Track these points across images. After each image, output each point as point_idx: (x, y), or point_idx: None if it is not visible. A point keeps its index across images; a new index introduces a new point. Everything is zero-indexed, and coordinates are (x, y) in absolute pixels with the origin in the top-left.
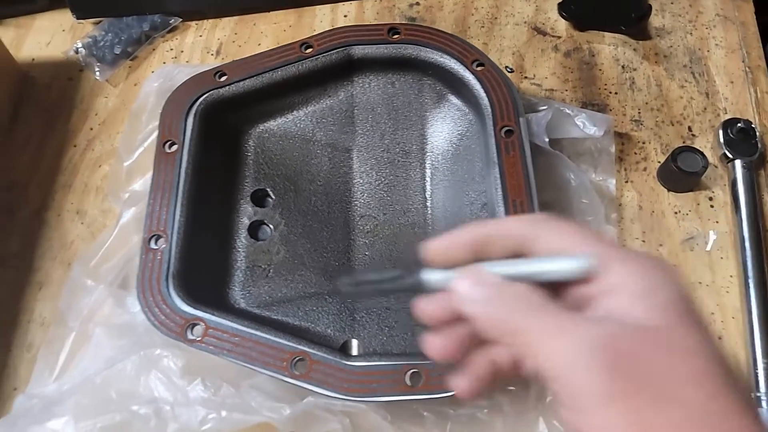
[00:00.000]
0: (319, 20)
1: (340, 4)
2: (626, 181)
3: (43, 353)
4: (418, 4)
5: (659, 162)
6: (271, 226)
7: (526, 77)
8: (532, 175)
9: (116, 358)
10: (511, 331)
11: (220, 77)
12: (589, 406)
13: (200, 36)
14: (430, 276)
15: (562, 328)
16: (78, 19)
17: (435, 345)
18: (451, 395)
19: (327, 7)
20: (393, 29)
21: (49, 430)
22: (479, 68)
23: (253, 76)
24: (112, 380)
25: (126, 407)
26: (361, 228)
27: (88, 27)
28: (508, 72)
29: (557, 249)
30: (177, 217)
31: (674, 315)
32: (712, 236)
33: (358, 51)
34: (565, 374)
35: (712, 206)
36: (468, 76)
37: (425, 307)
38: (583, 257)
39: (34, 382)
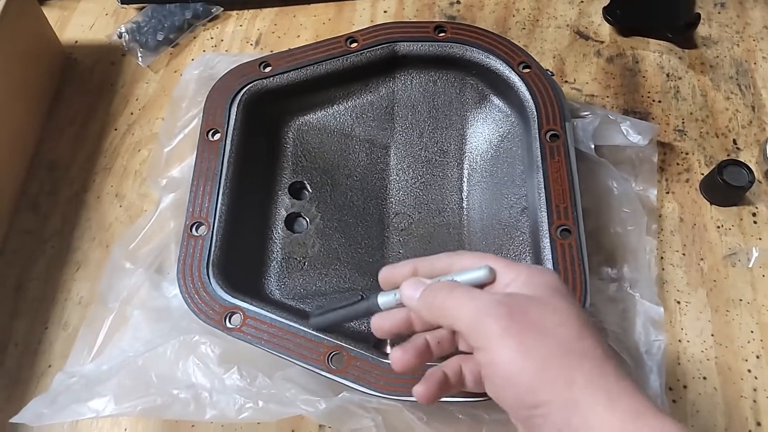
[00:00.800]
0: (359, 14)
1: None
2: (667, 192)
3: (83, 332)
4: (458, 2)
5: (702, 174)
6: (308, 219)
7: (566, 81)
8: (576, 181)
9: (154, 341)
10: (440, 308)
11: (264, 68)
12: (493, 342)
13: (240, 26)
14: (383, 297)
15: (474, 297)
16: (122, 3)
17: (396, 357)
18: (487, 400)
19: (367, 1)
20: (439, 27)
21: (90, 409)
22: (526, 70)
23: (297, 69)
24: (153, 363)
25: (166, 390)
26: (396, 225)
27: (131, 12)
28: (549, 75)
29: (468, 266)
30: (219, 205)
31: (549, 291)
32: (755, 253)
33: (403, 48)
34: (477, 323)
35: (755, 222)
36: (514, 78)
37: (380, 322)
38: (484, 267)
39: (72, 360)
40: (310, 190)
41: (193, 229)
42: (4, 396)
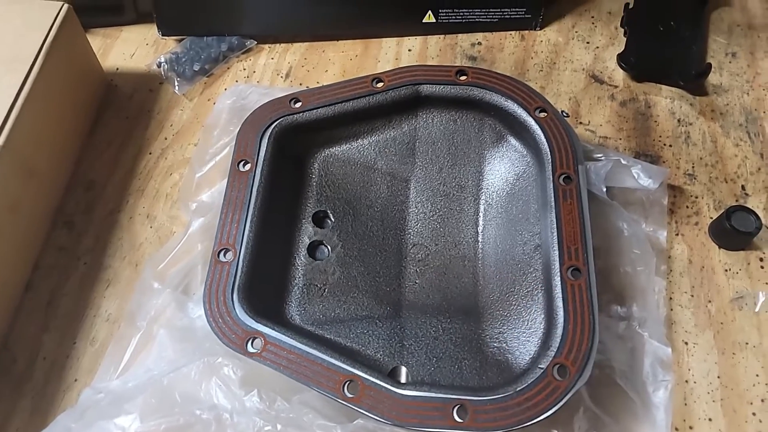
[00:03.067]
0: (384, 52)
1: (406, 38)
2: (677, 234)
3: (111, 350)
4: (479, 44)
5: (711, 218)
6: (329, 247)
7: (581, 123)
8: (588, 223)
9: (178, 360)
10: None
11: (294, 103)
12: None
13: (272, 59)
14: None
15: None
16: (163, 35)
17: None
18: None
19: (393, 40)
20: (461, 71)
21: (117, 426)
22: (541, 114)
23: (325, 106)
24: (177, 383)
25: (189, 411)
26: (413, 256)
27: (170, 43)
28: (564, 116)
29: None
30: (246, 232)
31: None
32: (761, 297)
33: (426, 89)
34: None
35: (762, 267)
36: (530, 121)
37: None
38: None
39: (99, 376)
40: (333, 219)
41: (221, 254)
42: (30, 407)
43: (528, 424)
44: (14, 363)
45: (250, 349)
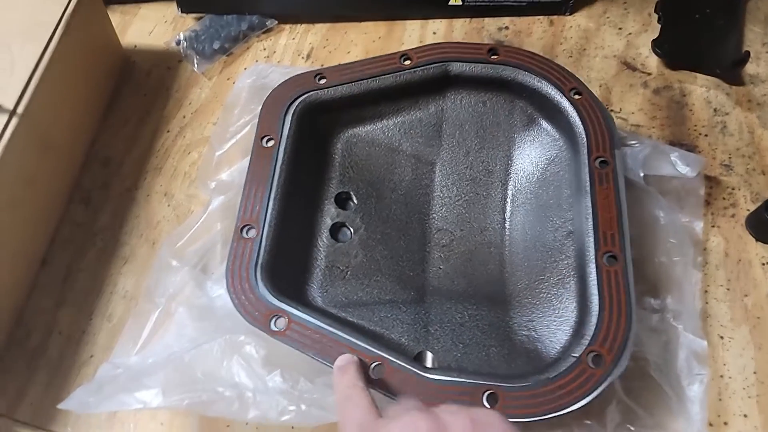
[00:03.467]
0: (408, 34)
1: (431, 21)
2: (713, 226)
3: (130, 326)
4: (507, 28)
5: (748, 210)
6: (352, 230)
7: (612, 110)
8: (625, 208)
9: (198, 338)
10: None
11: (320, 80)
12: None
13: (293, 39)
14: None
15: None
16: (182, 12)
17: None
18: (528, 421)
19: (417, 22)
20: (492, 49)
21: (137, 400)
22: (577, 96)
23: (351, 82)
24: (198, 360)
25: (212, 388)
26: (437, 241)
27: (189, 21)
28: (600, 103)
29: None
30: (269, 209)
31: None
32: None
33: (456, 68)
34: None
35: None
36: (564, 103)
37: None
38: None
39: (118, 351)
40: (356, 201)
41: (244, 231)
42: (44, 381)
43: (561, 413)
44: (28, 337)
45: (273, 327)
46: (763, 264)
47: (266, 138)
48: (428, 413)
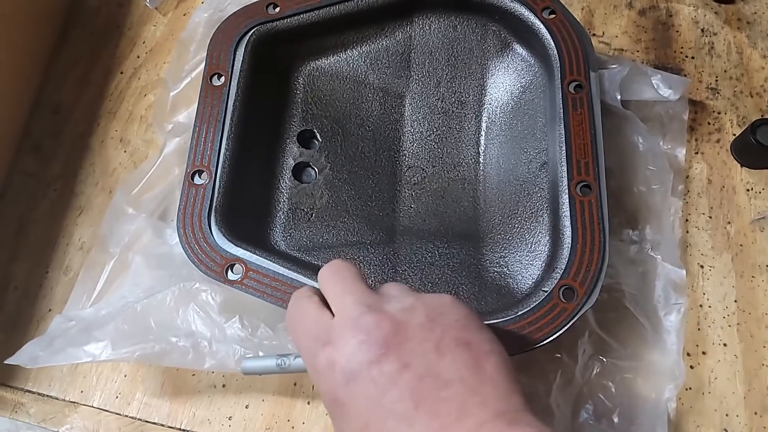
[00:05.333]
0: None
1: None
2: (696, 152)
3: (83, 277)
4: None
5: (734, 135)
6: (316, 169)
7: (594, 34)
8: (600, 135)
9: (155, 288)
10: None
11: (273, 9)
12: None
13: None
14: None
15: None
16: None
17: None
18: None
19: None
20: None
21: (87, 353)
22: (551, 16)
23: (307, 11)
24: (152, 309)
25: (165, 338)
26: (408, 179)
27: None
28: (576, 22)
29: None
30: (222, 152)
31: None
32: None
33: None
34: None
35: None
36: (538, 24)
37: None
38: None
39: (71, 304)
40: (320, 140)
41: (195, 177)
42: (2, 338)
43: (530, 348)
44: None
45: (230, 276)
46: (748, 190)
47: (216, 75)
48: (380, 313)
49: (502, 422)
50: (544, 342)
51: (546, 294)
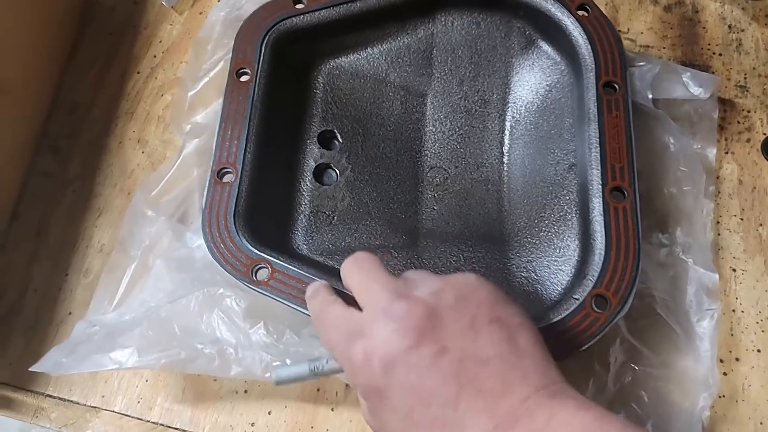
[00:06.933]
0: None
1: None
2: (726, 152)
3: (105, 280)
4: None
5: (765, 134)
6: (337, 171)
7: (619, 31)
8: (633, 138)
9: (177, 292)
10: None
11: (297, 4)
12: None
13: None
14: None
15: None
16: None
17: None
18: None
19: None
20: None
21: (112, 360)
22: (583, 14)
23: (330, 6)
24: (176, 315)
25: (190, 344)
26: (430, 180)
27: None
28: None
29: None
30: (247, 151)
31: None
32: None
33: None
34: None
35: None
36: (567, 21)
37: None
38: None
39: (93, 308)
40: (341, 140)
41: (221, 175)
42: (22, 342)
43: (562, 358)
44: (3, 295)
45: (255, 278)
46: None
47: (241, 71)
48: (409, 299)
49: (544, 395)
50: (577, 350)
51: (578, 302)
